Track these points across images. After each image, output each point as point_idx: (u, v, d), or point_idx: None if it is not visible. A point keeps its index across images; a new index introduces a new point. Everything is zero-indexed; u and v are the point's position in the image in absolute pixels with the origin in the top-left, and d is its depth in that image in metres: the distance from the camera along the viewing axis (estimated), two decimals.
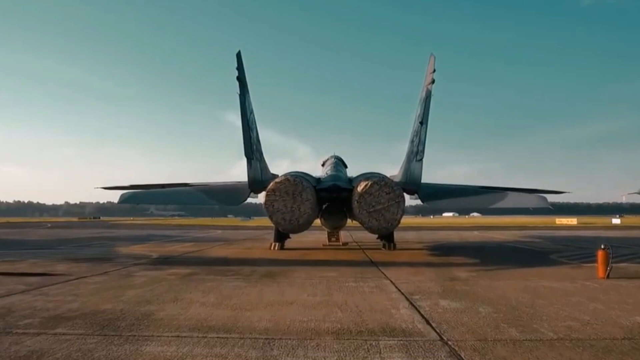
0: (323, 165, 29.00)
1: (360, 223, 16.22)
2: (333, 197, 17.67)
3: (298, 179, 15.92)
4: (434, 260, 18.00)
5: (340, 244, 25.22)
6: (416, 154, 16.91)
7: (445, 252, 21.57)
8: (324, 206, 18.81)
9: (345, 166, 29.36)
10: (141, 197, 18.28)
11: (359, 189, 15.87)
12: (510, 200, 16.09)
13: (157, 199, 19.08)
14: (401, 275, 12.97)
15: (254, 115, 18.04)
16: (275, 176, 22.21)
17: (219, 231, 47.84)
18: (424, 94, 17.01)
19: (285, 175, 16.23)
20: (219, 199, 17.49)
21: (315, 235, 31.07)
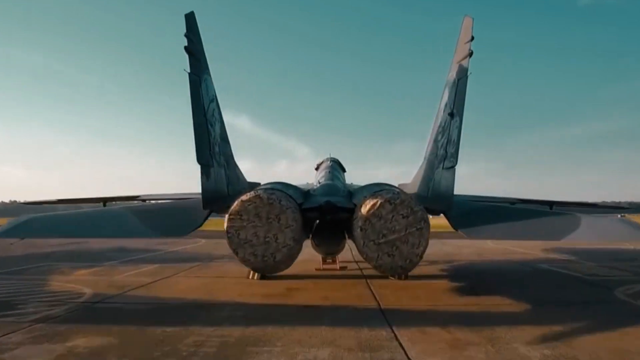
0: (317, 169, 24.12)
1: (365, 259, 11.28)
2: (326, 219, 12.71)
3: (275, 196, 10.94)
4: (466, 304, 13.04)
5: (337, 267, 20.34)
6: (444, 158, 11.94)
7: (474, 283, 16.63)
8: (315, 224, 13.82)
9: (344, 170, 24.43)
10: (37, 225, 12.68)
11: (364, 209, 10.91)
12: (586, 231, 10.89)
13: (64, 228, 12.76)
14: (434, 351, 8.09)
15: (216, 104, 13.04)
16: (255, 186, 17.25)
17: (203, 241, 42.79)
18: (454, 74, 12.04)
19: (256, 190, 11.21)
20: (158, 225, 12.30)
21: (309, 247, 26.08)
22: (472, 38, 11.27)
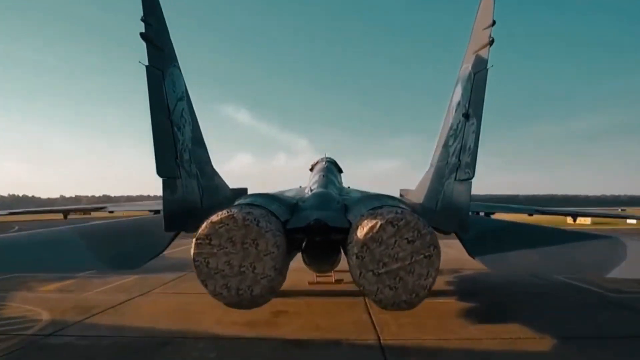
0: (312, 169, 22.09)
1: (362, 292, 9.33)
2: (315, 240, 10.71)
3: (252, 216, 8.93)
4: (481, 337, 11.10)
5: (333, 280, 18.52)
6: (457, 168, 9.91)
7: (486, 304, 14.71)
8: (303, 243, 11.83)
9: (340, 171, 22.41)
10: None
11: (360, 233, 8.92)
12: (637, 263, 8.78)
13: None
14: None
15: (186, 103, 10.99)
16: (240, 193, 15.29)
17: None
18: (469, 66, 9.96)
19: (229, 209, 9.18)
20: (107, 254, 10.19)
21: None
22: (494, 22, 9.18)
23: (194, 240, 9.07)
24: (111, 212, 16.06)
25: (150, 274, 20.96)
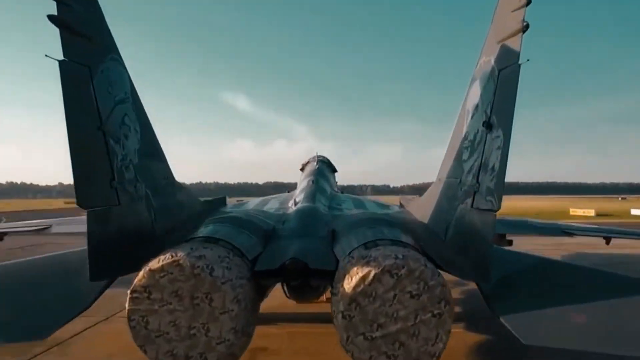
0: (302, 169, 19.91)
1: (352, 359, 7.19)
2: (294, 284, 8.50)
3: (204, 262, 6.74)
4: None
5: (324, 299, 16.44)
6: (474, 191, 7.64)
7: (501, 335, 12.66)
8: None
9: (334, 170, 20.20)
10: None
11: (348, 285, 6.74)
12: None
13: None
14: None
15: (132, 105, 8.65)
16: (218, 205, 13.12)
17: None
18: (492, 60, 7.60)
19: (175, 251, 6.93)
20: (6, 317, 7.88)
21: None
22: (529, 1, 6.82)
23: (129, 293, 6.92)
24: (62, 233, 13.56)
25: (124, 287, 18.87)
